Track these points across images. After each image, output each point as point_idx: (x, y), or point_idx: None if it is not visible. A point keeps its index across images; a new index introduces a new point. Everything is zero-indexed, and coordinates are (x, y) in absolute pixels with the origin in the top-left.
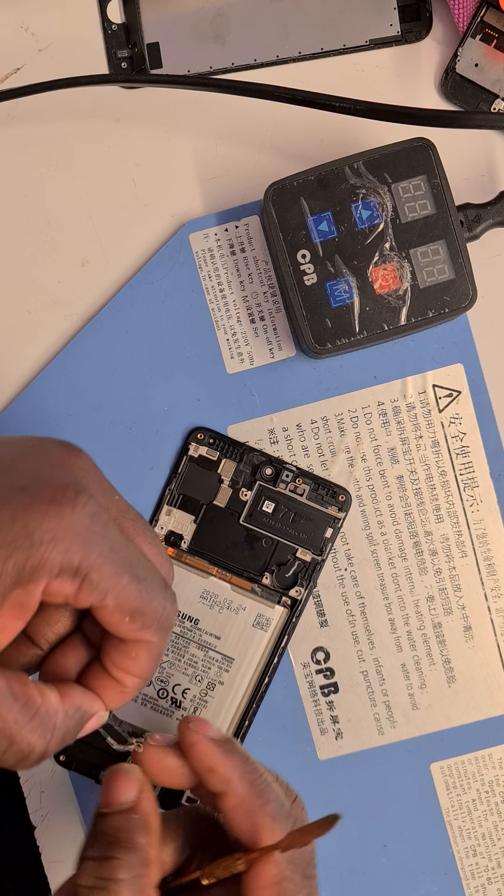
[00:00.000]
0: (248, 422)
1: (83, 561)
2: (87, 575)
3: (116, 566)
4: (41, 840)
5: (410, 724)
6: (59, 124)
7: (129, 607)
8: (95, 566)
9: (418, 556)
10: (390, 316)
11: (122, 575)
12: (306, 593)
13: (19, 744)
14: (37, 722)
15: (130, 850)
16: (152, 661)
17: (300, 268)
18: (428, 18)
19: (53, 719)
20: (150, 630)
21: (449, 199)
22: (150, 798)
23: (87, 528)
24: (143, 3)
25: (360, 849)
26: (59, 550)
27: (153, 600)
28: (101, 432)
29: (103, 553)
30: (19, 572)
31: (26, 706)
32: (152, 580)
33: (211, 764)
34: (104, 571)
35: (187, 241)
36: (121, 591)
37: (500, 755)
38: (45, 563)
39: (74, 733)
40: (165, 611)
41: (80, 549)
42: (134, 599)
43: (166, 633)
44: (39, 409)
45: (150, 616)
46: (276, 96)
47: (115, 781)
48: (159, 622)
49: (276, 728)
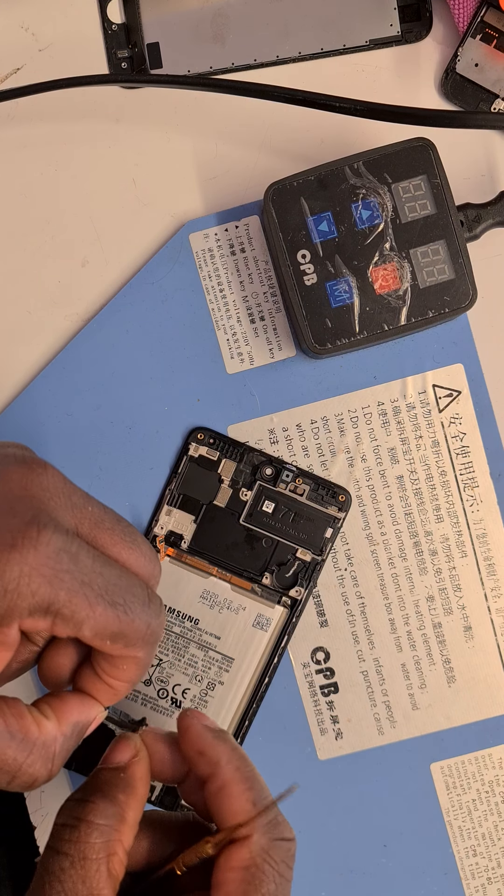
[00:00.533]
0: (248, 422)
1: (53, 599)
2: (58, 612)
3: (89, 597)
4: (41, 840)
5: (410, 724)
6: (59, 124)
7: (108, 633)
8: (66, 602)
9: (418, 556)
10: (390, 316)
11: (97, 605)
12: (306, 593)
13: (22, 777)
14: (36, 755)
15: (108, 800)
16: (141, 669)
17: (300, 268)
18: (428, 18)
19: (52, 747)
20: (133, 648)
21: (449, 199)
22: (142, 766)
23: (53, 566)
24: (143, 3)
25: (360, 849)
26: (25, 595)
27: (134, 621)
28: (101, 432)
29: (73, 588)
30: None
31: (24, 742)
32: (132, 600)
33: (201, 747)
34: (76, 605)
35: (187, 241)
36: (97, 620)
37: (500, 755)
38: (14, 608)
39: (76, 746)
40: (150, 627)
41: (47, 590)
42: (112, 626)
43: (153, 646)
44: (39, 409)
45: (132, 636)
46: (276, 96)
47: (115, 744)
48: (143, 639)
49: (276, 728)
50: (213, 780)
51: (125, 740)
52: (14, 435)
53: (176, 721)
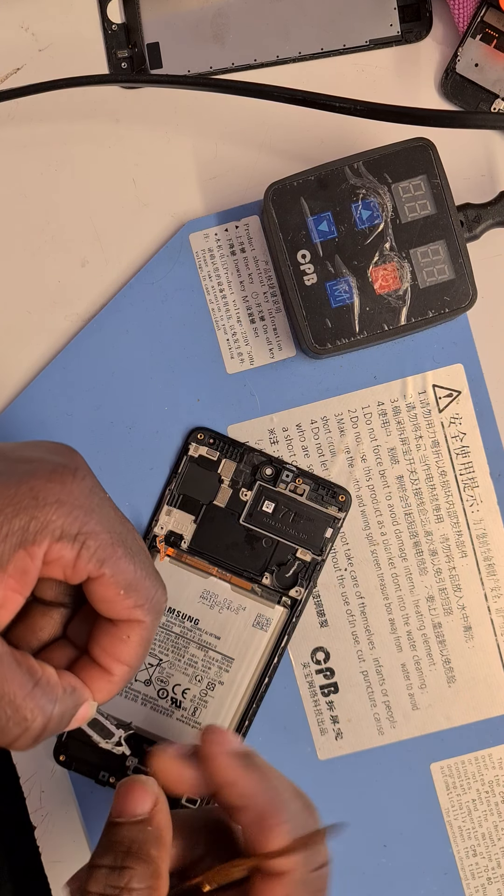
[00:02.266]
0: (248, 422)
1: (83, 526)
2: (85, 541)
3: (113, 537)
4: (41, 840)
5: (410, 724)
6: (59, 124)
7: (123, 580)
8: (94, 533)
9: (418, 556)
10: (390, 316)
11: (118, 546)
12: (306, 593)
13: (22, 711)
14: (39, 691)
15: (143, 862)
16: (142, 646)
17: (300, 268)
18: (428, 18)
19: (55, 691)
20: (142, 609)
21: (449, 199)
22: (164, 811)
23: (86, 497)
24: (143, 3)
25: (360, 849)
26: (61, 513)
27: (146, 579)
28: (101, 432)
29: (101, 522)
30: (24, 532)
31: (29, 674)
32: (144, 559)
33: (231, 778)
34: (102, 540)
35: (187, 241)
36: (117, 561)
37: (500, 755)
38: (49, 525)
39: (70, 715)
40: (157, 593)
41: (80, 515)
42: (128, 572)
43: (157, 617)
44: (39, 409)
45: (142, 593)
46: (276, 96)
47: (131, 791)
48: (151, 602)
49: (276, 728)
50: (246, 812)
51: (142, 787)
52: (14, 435)
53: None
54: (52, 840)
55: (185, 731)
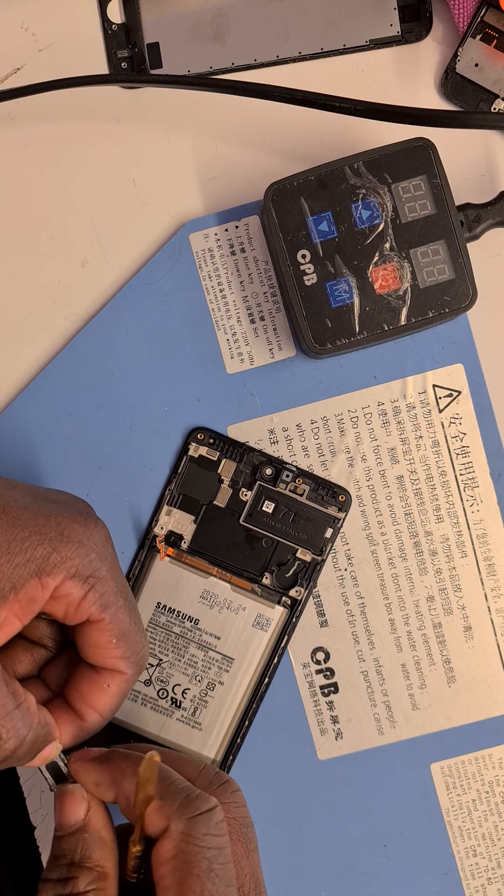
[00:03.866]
0: (248, 422)
1: (96, 571)
2: (94, 585)
3: (118, 587)
4: (41, 840)
5: (410, 724)
6: (59, 124)
7: (118, 629)
8: (103, 579)
9: (418, 556)
10: (390, 316)
11: (120, 597)
12: (306, 593)
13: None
14: (18, 713)
15: (86, 869)
16: (118, 697)
17: (300, 268)
18: (428, 18)
19: (33, 717)
20: (127, 661)
21: (449, 199)
22: (99, 813)
23: (103, 545)
24: (143, 3)
25: (360, 849)
26: (81, 553)
27: (137, 633)
28: (101, 432)
29: (111, 571)
30: (44, 561)
31: (13, 696)
32: (138, 617)
33: (95, 778)
34: (108, 587)
35: (187, 241)
36: (117, 610)
37: (500, 755)
38: (67, 561)
39: (37, 750)
40: (144, 649)
41: (96, 559)
42: (125, 623)
43: (138, 673)
44: (39, 409)
45: (132, 646)
46: (276, 96)
47: (63, 803)
48: (137, 656)
49: (276, 728)
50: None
51: (71, 795)
52: (14, 435)
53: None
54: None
55: (185, 731)
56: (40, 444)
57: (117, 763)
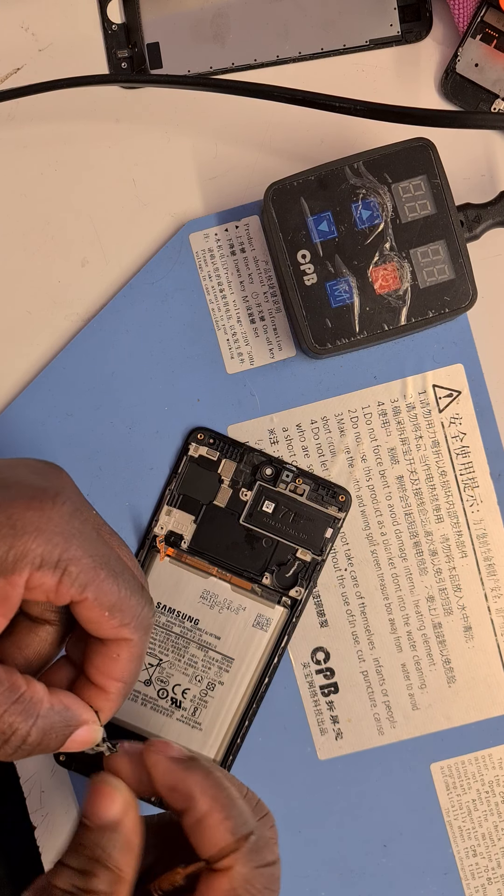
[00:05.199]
0: (248, 422)
1: (63, 553)
2: (66, 567)
3: (95, 560)
4: (41, 840)
5: (410, 724)
6: (59, 124)
7: (107, 602)
8: (75, 559)
9: (418, 556)
10: (390, 316)
11: (100, 569)
12: (306, 593)
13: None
14: (20, 706)
15: (108, 869)
16: (133, 662)
17: (300, 268)
18: (428, 18)
19: (38, 707)
20: (128, 627)
21: (449, 199)
22: (134, 817)
23: (66, 523)
24: (143, 3)
25: (360, 849)
26: (40, 541)
27: (131, 598)
28: (101, 432)
29: (82, 546)
30: (3, 562)
31: (10, 689)
32: (129, 579)
33: (171, 782)
34: (83, 564)
35: (187, 241)
36: (100, 584)
37: (500, 755)
38: (28, 553)
39: (61, 733)
40: (143, 610)
41: (60, 541)
42: (112, 594)
43: (145, 634)
44: (39, 409)
45: (128, 612)
46: (276, 96)
47: (101, 794)
48: (137, 619)
49: (276, 728)
50: (189, 813)
51: (112, 790)
52: (14, 435)
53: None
54: (52, 840)
55: (185, 731)
56: (40, 444)
57: (199, 776)
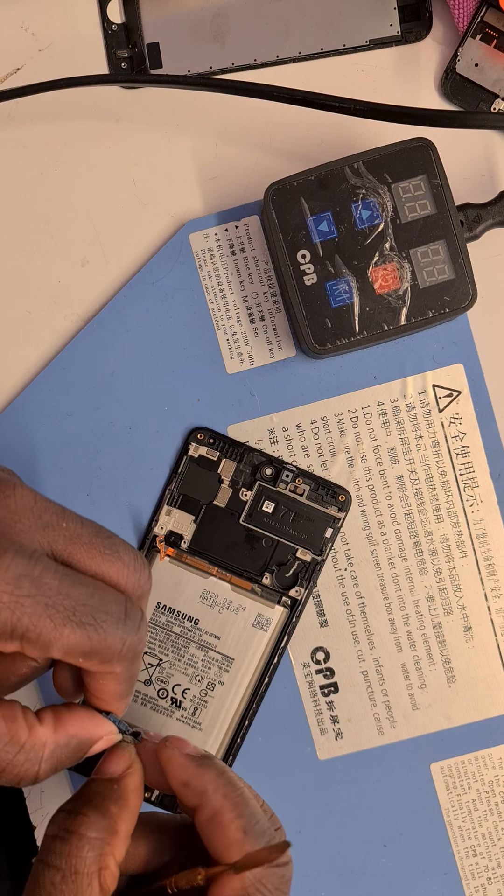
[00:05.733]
0: (248, 422)
1: (16, 624)
2: (23, 635)
3: (55, 620)
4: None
5: (410, 724)
6: (59, 124)
7: (79, 652)
8: (30, 626)
9: (418, 556)
10: (390, 316)
11: (64, 626)
12: (306, 593)
13: (7, 775)
14: (23, 756)
15: (99, 813)
16: (124, 683)
17: (300, 268)
18: (428, 18)
19: (40, 752)
20: (111, 664)
21: (449, 199)
22: (135, 777)
23: (12, 591)
24: (143, 3)
25: (360, 849)
26: None
27: (107, 638)
28: (101, 432)
29: (36, 612)
30: None
31: (11, 743)
32: (104, 618)
33: (184, 778)
34: (42, 628)
35: (187, 241)
36: (65, 641)
37: (500, 755)
38: None
39: (74, 756)
40: (125, 643)
41: (8, 615)
42: (83, 645)
43: (132, 661)
44: (39, 409)
45: (105, 653)
46: (276, 96)
47: (111, 754)
48: (118, 656)
49: (276, 728)
50: (202, 810)
51: (119, 751)
52: (14, 435)
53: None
54: None
55: (184, 732)
56: (40, 444)
57: (212, 774)
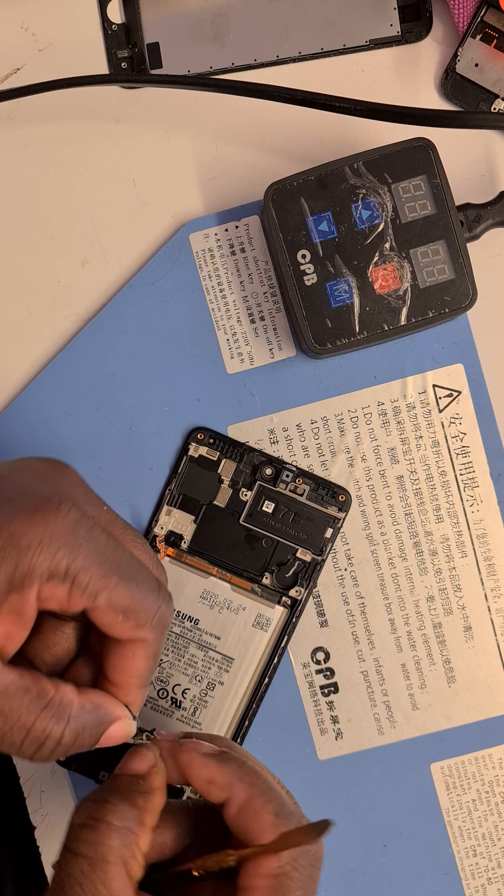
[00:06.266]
0: (248, 422)
1: (71, 564)
2: (75, 577)
3: (104, 568)
4: (41, 840)
5: (410, 724)
6: (59, 124)
7: (121, 606)
8: (83, 568)
9: (418, 556)
10: (390, 316)
11: (111, 576)
12: (306, 593)
13: (34, 732)
14: (50, 711)
15: (127, 803)
16: (149, 660)
17: (300, 268)
18: (428, 18)
19: (68, 709)
20: (144, 628)
21: (449, 199)
22: (160, 777)
23: (71, 533)
24: (143, 3)
25: (360, 849)
26: (46, 555)
27: (145, 599)
28: (101, 432)
29: (90, 556)
30: (10, 579)
31: (39, 696)
32: (143, 580)
33: (208, 776)
34: (92, 573)
35: (187, 241)
36: (111, 591)
37: (500, 755)
38: (35, 569)
39: (94, 731)
40: (160, 610)
41: (66, 553)
42: (125, 598)
43: (162, 632)
44: (39, 409)
45: (143, 614)
46: (276, 96)
47: (132, 755)
48: (153, 620)
49: (276, 728)
50: (231, 803)
51: (144, 752)
52: (14, 435)
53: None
54: (52, 840)
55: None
56: (40, 444)
57: (233, 766)
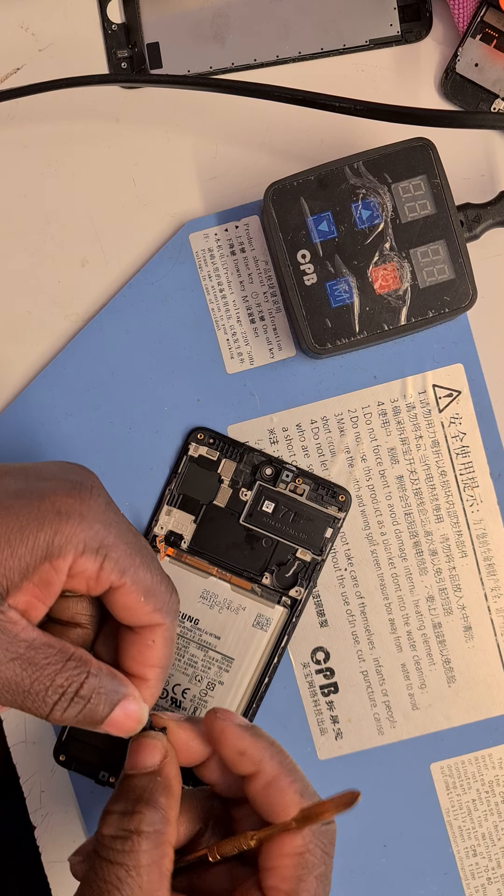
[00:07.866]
0: (248, 422)
1: (104, 540)
2: (107, 553)
3: (130, 548)
4: (41, 840)
5: (410, 724)
6: (59, 124)
7: (143, 587)
8: (114, 546)
9: (418, 556)
10: (390, 316)
11: (136, 556)
12: (306, 593)
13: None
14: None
15: (153, 807)
16: (167, 646)
17: (300, 268)
18: (428, 18)
19: (89, 664)
20: (161, 612)
21: (449, 199)
22: (173, 764)
23: (103, 512)
24: (143, 3)
25: (360, 849)
26: (83, 527)
27: (161, 584)
28: (101, 432)
29: (119, 535)
30: (49, 546)
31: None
32: (158, 567)
33: (242, 747)
34: (121, 550)
35: (187, 241)
36: (136, 570)
37: (500, 755)
38: (73, 538)
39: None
40: (172, 596)
41: (100, 528)
42: (147, 579)
43: (175, 619)
44: (39, 409)
45: (160, 598)
46: (276, 96)
47: (141, 746)
48: (168, 605)
49: (276, 728)
50: (259, 777)
51: (152, 741)
52: (14, 435)
53: (204, 723)
54: (52, 840)
55: None
56: (40, 444)
57: (265, 742)
